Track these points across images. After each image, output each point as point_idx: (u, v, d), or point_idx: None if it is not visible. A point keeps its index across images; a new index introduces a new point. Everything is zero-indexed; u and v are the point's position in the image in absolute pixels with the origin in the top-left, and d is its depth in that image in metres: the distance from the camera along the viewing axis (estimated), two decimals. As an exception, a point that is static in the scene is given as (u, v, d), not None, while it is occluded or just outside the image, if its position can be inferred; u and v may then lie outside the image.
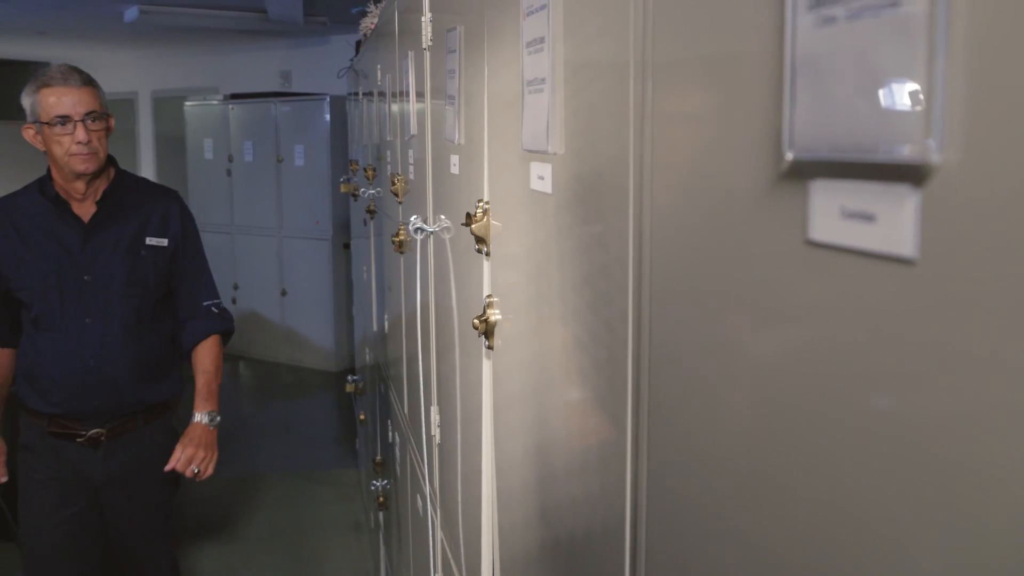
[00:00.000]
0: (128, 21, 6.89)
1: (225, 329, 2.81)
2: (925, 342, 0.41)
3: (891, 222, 0.43)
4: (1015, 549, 0.37)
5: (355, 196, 4.12)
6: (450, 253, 1.58)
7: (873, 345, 0.45)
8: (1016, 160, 0.36)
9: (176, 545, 3.23)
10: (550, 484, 1.03)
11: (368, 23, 3.72)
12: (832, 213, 0.47)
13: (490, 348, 1.27)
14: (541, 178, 0.99)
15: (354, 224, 4.95)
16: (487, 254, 1.28)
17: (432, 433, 1.85)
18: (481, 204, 1.27)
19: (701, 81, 0.63)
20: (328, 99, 7.08)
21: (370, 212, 3.33)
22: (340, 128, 6.75)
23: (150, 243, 2.61)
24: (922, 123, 0.40)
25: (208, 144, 7.79)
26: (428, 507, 1.95)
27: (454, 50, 1.45)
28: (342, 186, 4.47)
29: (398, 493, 2.74)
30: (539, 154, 0.98)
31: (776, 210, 0.53)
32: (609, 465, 0.82)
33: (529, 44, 1.00)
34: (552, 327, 0.99)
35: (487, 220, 1.26)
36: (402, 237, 2.15)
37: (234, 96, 7.70)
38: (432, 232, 1.71)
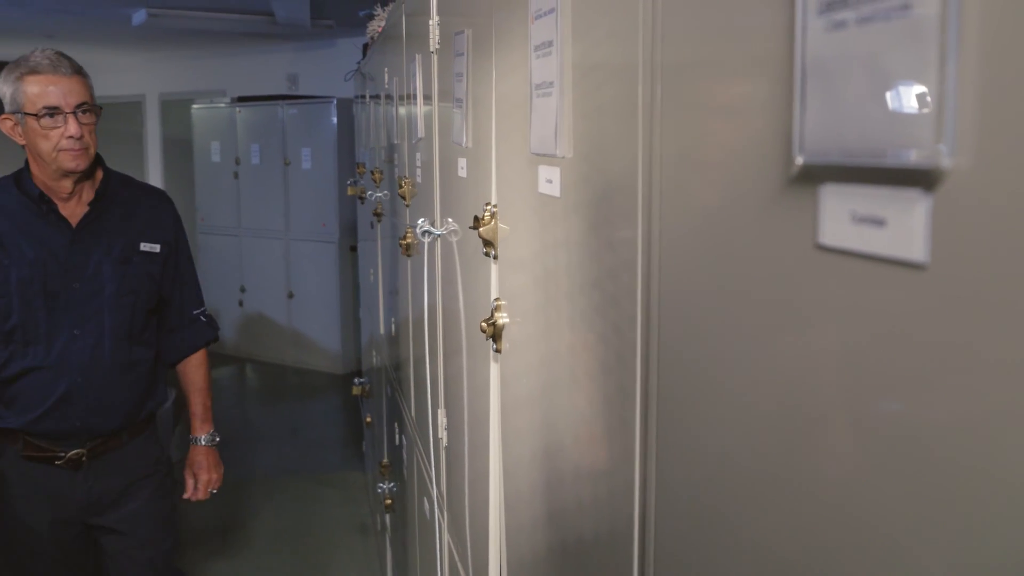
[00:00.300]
0: (136, 24, 6.91)
1: (214, 338, 2.66)
2: (936, 346, 0.41)
3: (902, 227, 0.43)
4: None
5: (362, 199, 4.12)
6: (457, 256, 1.58)
7: (883, 349, 0.45)
8: (1028, 165, 0.36)
9: (182, 550, 3.20)
10: (558, 487, 1.03)
11: (375, 26, 3.72)
12: (842, 217, 0.47)
13: (498, 351, 1.27)
14: (549, 181, 0.99)
15: (361, 227, 4.96)
16: (495, 257, 1.28)
17: (439, 436, 1.85)
18: (489, 207, 1.27)
19: (710, 85, 0.63)
20: (335, 102, 7.08)
21: (377, 215, 3.34)
22: (347, 131, 6.76)
23: (144, 249, 2.38)
24: (933, 127, 0.40)
25: (215, 147, 7.80)
26: (435, 510, 1.95)
27: (462, 53, 1.45)
28: (349, 189, 4.47)
29: (405, 496, 2.74)
30: (547, 157, 0.98)
31: (786, 214, 0.53)
32: (617, 469, 0.82)
33: (537, 48, 1.00)
34: (560, 330, 0.99)
35: (495, 223, 1.26)
36: (409, 240, 2.15)
37: (241, 99, 7.71)
38: (439, 235, 1.71)
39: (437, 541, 1.89)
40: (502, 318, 1.24)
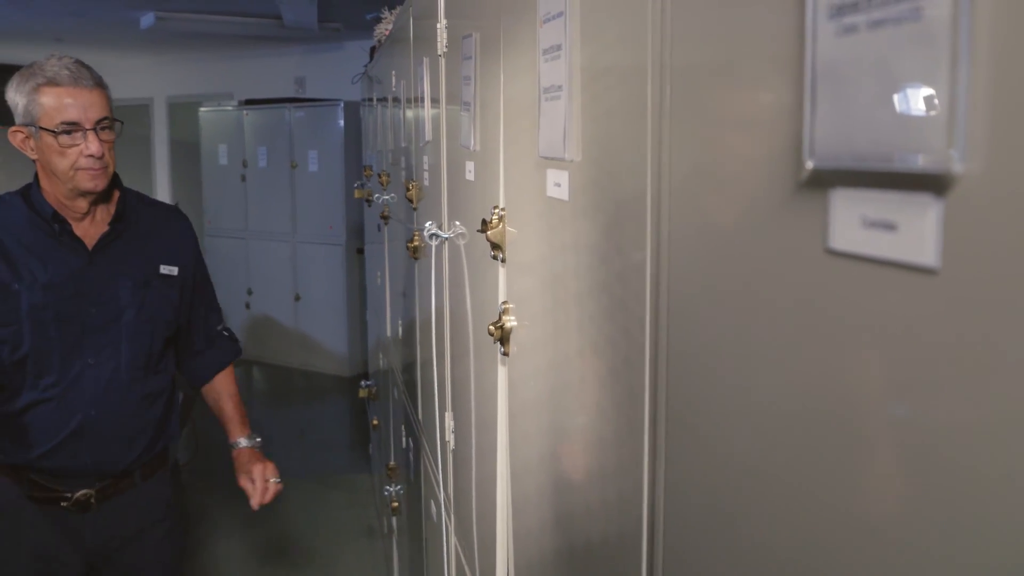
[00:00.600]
0: (144, 27, 6.93)
1: (239, 353, 2.54)
2: (947, 350, 0.41)
3: (913, 231, 0.43)
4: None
5: (369, 201, 4.12)
6: (465, 259, 1.58)
7: (894, 353, 0.45)
8: (1040, 170, 0.36)
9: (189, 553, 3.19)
10: (566, 491, 1.03)
11: (382, 29, 3.73)
12: (853, 222, 0.47)
13: (505, 354, 1.27)
14: (558, 185, 0.99)
15: (368, 229, 4.96)
16: (503, 260, 1.28)
17: (447, 439, 1.85)
18: (497, 210, 1.27)
19: (720, 89, 0.63)
20: (342, 105, 7.10)
21: (384, 218, 3.34)
22: (354, 134, 6.77)
23: (163, 272, 2.21)
24: (944, 132, 0.40)
25: (223, 149, 7.82)
26: (442, 513, 1.95)
27: (470, 57, 1.45)
28: (356, 192, 4.47)
29: (412, 499, 2.75)
30: (556, 161, 0.99)
31: (796, 218, 0.53)
32: (626, 472, 0.82)
33: (546, 51, 1.00)
34: (569, 333, 0.99)
35: (503, 227, 1.26)
36: (417, 243, 2.16)
37: (249, 102, 7.73)
38: (447, 238, 1.71)
39: (444, 544, 1.89)
40: (510, 321, 1.24)
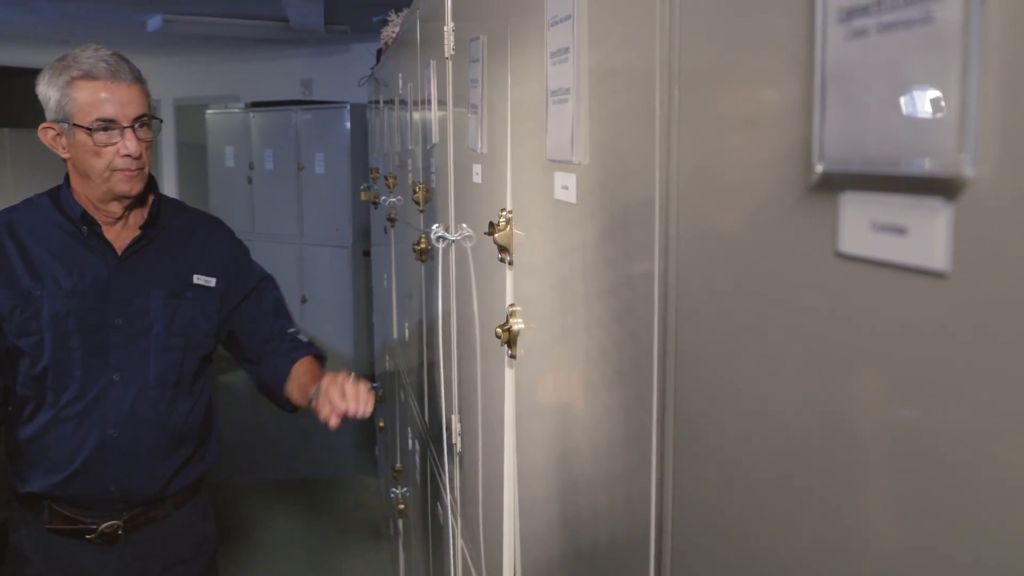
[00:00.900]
0: (151, 30, 6.95)
1: (315, 351, 2.17)
2: (957, 354, 0.41)
3: (923, 235, 0.43)
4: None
5: (375, 204, 4.13)
6: (472, 262, 1.58)
7: (904, 357, 0.45)
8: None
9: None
10: (573, 493, 1.03)
11: (389, 32, 3.73)
12: (862, 225, 0.47)
13: (512, 357, 1.27)
14: (565, 188, 0.99)
15: (374, 232, 4.97)
16: (510, 263, 1.28)
17: (453, 441, 1.85)
18: (504, 213, 1.27)
19: (729, 91, 0.63)
20: (348, 107, 7.11)
21: (391, 220, 3.34)
22: (360, 136, 6.78)
23: (197, 282, 2.01)
24: (955, 136, 0.40)
25: (229, 152, 7.83)
26: (448, 515, 1.95)
27: (477, 59, 1.45)
28: (362, 194, 4.48)
29: (418, 501, 2.75)
30: (563, 164, 0.99)
31: (805, 222, 0.53)
32: (634, 475, 0.82)
33: (553, 54, 1.00)
34: (576, 336, 0.99)
35: (510, 229, 1.26)
36: (424, 245, 2.16)
37: (255, 104, 7.75)
38: (454, 241, 1.71)
39: (451, 546, 1.89)
40: (517, 324, 1.24)
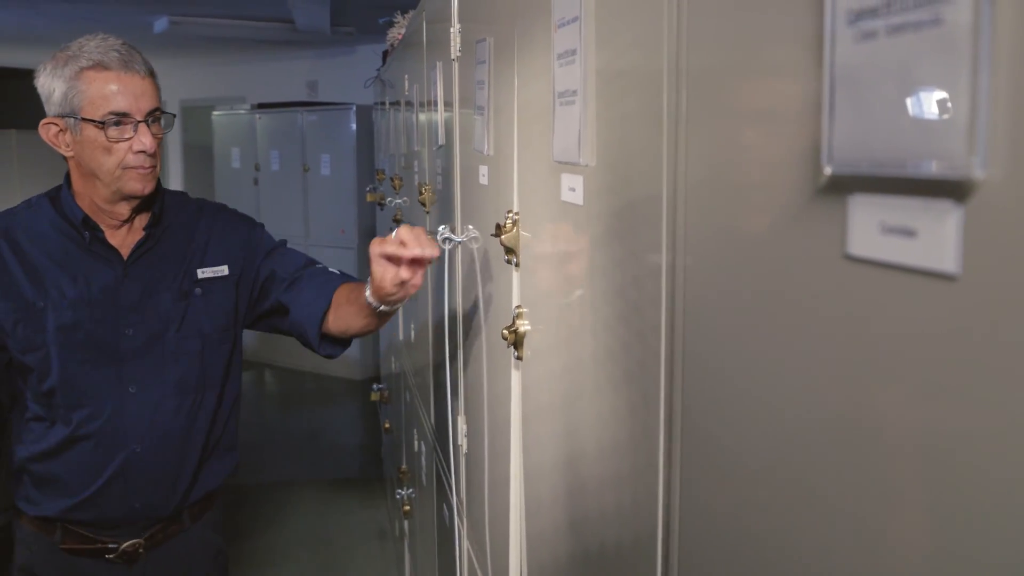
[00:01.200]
0: (157, 31, 6.96)
1: (350, 278, 1.98)
2: (967, 358, 0.41)
3: (933, 237, 0.42)
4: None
5: (381, 205, 4.14)
6: (478, 263, 1.58)
7: (913, 360, 0.45)
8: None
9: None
10: (580, 495, 1.03)
11: (395, 33, 3.74)
12: (871, 228, 0.47)
13: (519, 359, 1.27)
14: (572, 190, 0.99)
15: (380, 233, 4.97)
16: (516, 265, 1.29)
17: (459, 442, 1.85)
18: (511, 215, 1.27)
19: (736, 93, 0.63)
20: (354, 108, 7.11)
21: (397, 221, 3.35)
22: (366, 137, 6.78)
23: (204, 276, 1.88)
24: (965, 138, 0.40)
25: (235, 153, 7.85)
26: (454, 516, 1.95)
27: (483, 61, 1.45)
28: (368, 195, 4.49)
29: (424, 502, 2.75)
30: (570, 165, 0.99)
31: (814, 224, 0.52)
32: (641, 477, 0.82)
33: (560, 56, 1.00)
34: (583, 338, 0.99)
35: (517, 231, 1.26)
36: (430, 247, 2.15)
37: (261, 105, 7.76)
38: (460, 242, 1.71)
39: (456, 548, 1.89)
40: (524, 325, 1.24)
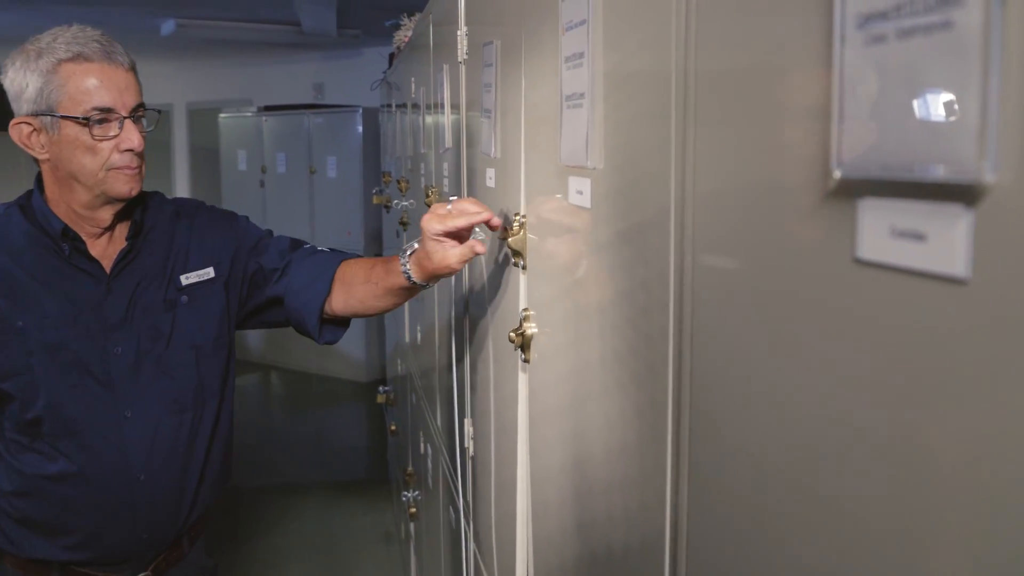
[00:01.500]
0: (164, 34, 6.98)
1: (352, 254, 1.88)
2: (977, 362, 0.41)
3: (942, 242, 0.42)
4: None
5: (388, 208, 4.14)
6: (485, 266, 1.58)
7: (922, 364, 0.45)
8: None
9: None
10: (587, 498, 1.03)
11: (402, 36, 3.74)
12: (881, 232, 0.47)
13: (526, 361, 1.27)
14: (580, 192, 0.99)
15: (386, 235, 4.98)
16: (523, 267, 1.29)
17: (465, 445, 1.85)
18: (518, 218, 1.27)
19: (745, 96, 0.63)
20: (361, 111, 7.12)
21: (403, 224, 3.35)
22: (373, 140, 6.79)
23: (188, 282, 1.72)
24: (975, 142, 0.40)
25: (242, 155, 7.86)
26: (461, 519, 1.95)
27: (490, 64, 1.45)
28: (374, 198, 4.49)
29: (430, 505, 2.75)
30: (578, 168, 0.99)
31: (823, 228, 0.52)
32: (649, 480, 0.82)
33: (568, 59, 1.00)
34: (590, 341, 0.99)
35: (524, 233, 1.27)
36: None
37: (268, 108, 7.77)
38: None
39: (463, 550, 1.89)
40: (531, 328, 1.24)
